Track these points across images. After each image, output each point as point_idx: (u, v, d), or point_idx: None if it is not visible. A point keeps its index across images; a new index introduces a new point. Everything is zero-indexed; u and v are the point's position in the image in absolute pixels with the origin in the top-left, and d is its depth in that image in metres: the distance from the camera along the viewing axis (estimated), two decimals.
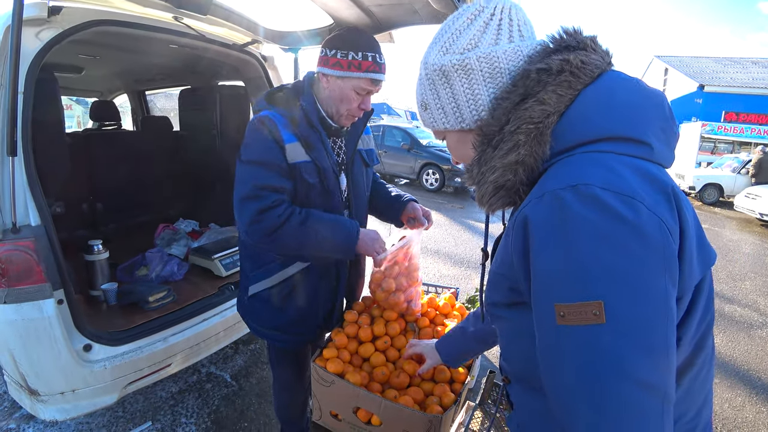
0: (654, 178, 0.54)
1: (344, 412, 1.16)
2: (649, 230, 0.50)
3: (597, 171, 0.54)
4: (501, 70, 0.66)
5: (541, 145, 0.60)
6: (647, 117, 0.60)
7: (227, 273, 2.46)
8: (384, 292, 1.33)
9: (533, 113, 0.60)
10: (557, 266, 0.53)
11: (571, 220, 0.52)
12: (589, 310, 0.49)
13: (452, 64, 0.67)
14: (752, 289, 4.68)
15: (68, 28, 1.67)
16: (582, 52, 0.64)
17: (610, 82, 0.62)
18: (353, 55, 1.20)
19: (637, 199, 0.51)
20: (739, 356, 3.23)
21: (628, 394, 0.48)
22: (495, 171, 0.64)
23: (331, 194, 1.32)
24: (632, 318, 0.49)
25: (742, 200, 8.69)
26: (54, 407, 1.64)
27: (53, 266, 1.54)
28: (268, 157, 1.22)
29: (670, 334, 0.50)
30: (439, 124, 0.73)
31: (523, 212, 0.58)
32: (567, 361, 0.52)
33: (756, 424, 2.46)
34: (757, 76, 19.31)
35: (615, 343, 0.48)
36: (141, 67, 3.51)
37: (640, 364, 0.48)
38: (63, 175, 2.34)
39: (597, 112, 0.59)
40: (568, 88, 0.61)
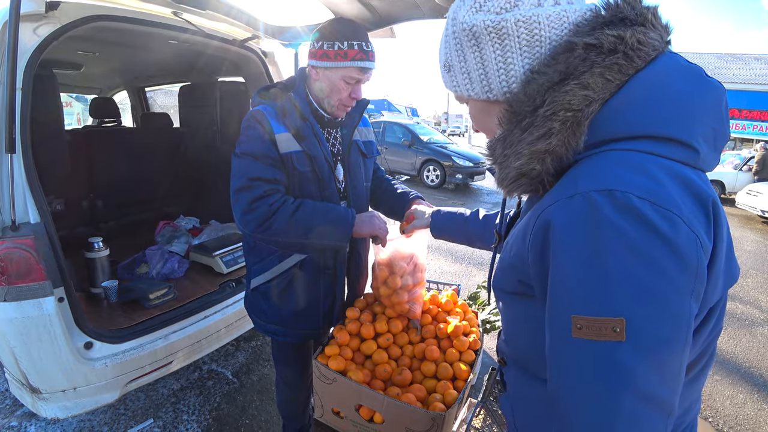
0: (696, 189, 0.50)
1: (346, 410, 1.16)
2: (684, 248, 0.46)
3: (636, 176, 0.49)
4: (541, 39, 0.57)
5: (576, 135, 0.54)
6: (700, 116, 0.53)
7: (228, 270, 2.45)
8: (388, 289, 1.31)
9: (573, 99, 0.53)
10: (580, 275, 0.49)
11: (602, 228, 0.47)
12: (609, 326, 0.46)
13: (485, 25, 0.58)
14: (754, 286, 4.67)
15: (66, 23, 1.66)
16: (640, 28, 0.55)
17: (666, 69, 0.54)
18: (339, 45, 1.21)
19: (676, 214, 0.46)
20: (740, 353, 3.22)
21: (639, 412, 0.46)
22: (520, 157, 0.57)
23: (325, 183, 1.33)
24: (653, 339, 0.46)
25: (743, 197, 8.66)
26: (55, 405, 1.64)
27: (53, 264, 1.54)
28: (259, 149, 1.25)
29: (685, 354, 0.49)
30: (462, 89, 0.66)
31: (548, 212, 0.53)
32: (579, 374, 0.50)
33: (757, 422, 2.45)
34: (760, 73, 19.22)
35: (632, 361, 0.46)
36: (141, 64, 3.50)
37: (654, 383, 0.46)
38: (62, 172, 2.33)
39: (646, 105, 0.52)
40: (617, 73, 0.53)
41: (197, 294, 2.18)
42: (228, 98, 3.02)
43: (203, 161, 3.33)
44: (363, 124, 1.52)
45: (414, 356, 1.30)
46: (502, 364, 0.79)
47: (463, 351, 1.29)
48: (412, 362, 1.29)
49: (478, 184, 10.05)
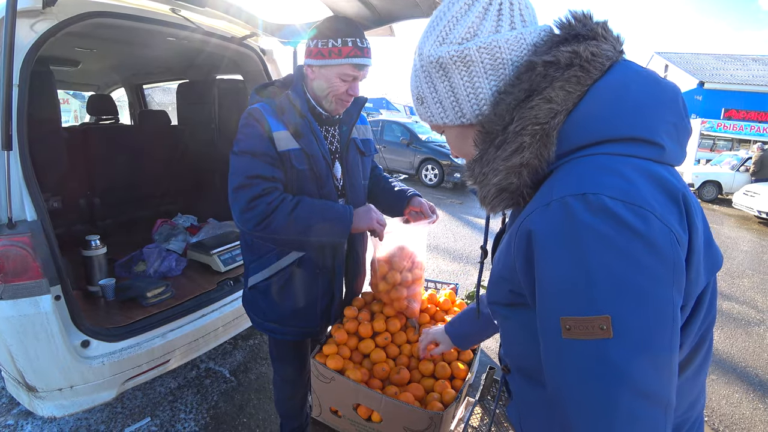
0: (665, 184, 0.52)
1: (344, 409, 1.16)
2: (659, 242, 0.48)
3: (606, 177, 0.51)
4: (503, 61, 0.61)
5: (547, 146, 0.57)
6: (660, 114, 0.57)
7: (226, 268, 2.45)
8: (387, 284, 1.31)
9: (539, 113, 0.56)
10: (563, 278, 0.51)
11: (580, 231, 0.50)
12: (596, 324, 0.48)
13: (450, 55, 0.62)
14: (750, 286, 4.69)
15: (64, 19, 1.65)
16: (592, 42, 0.59)
17: (622, 76, 0.58)
18: (333, 42, 1.21)
19: (647, 210, 0.49)
20: (736, 353, 3.24)
21: (635, 407, 0.47)
22: (498, 173, 0.60)
23: (323, 181, 1.33)
24: (640, 332, 0.48)
25: (740, 198, 8.70)
26: (52, 403, 1.63)
27: (50, 262, 1.53)
28: (257, 147, 1.25)
29: (674, 344, 0.50)
30: (437, 119, 0.69)
31: (528, 221, 0.55)
32: (573, 374, 0.51)
33: (753, 420, 2.47)
34: (757, 74, 19.29)
35: (622, 356, 0.47)
36: (139, 61, 3.48)
37: (646, 377, 0.48)
38: (59, 169, 2.32)
39: (606, 111, 0.56)
40: (576, 84, 0.57)
41: (195, 292, 2.17)
42: (226, 96, 3.01)
43: (201, 159, 3.32)
44: (361, 122, 1.52)
45: (412, 355, 1.30)
46: (506, 372, 0.80)
47: (461, 350, 1.29)
48: (410, 361, 1.29)
49: None
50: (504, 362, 0.81)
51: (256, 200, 1.22)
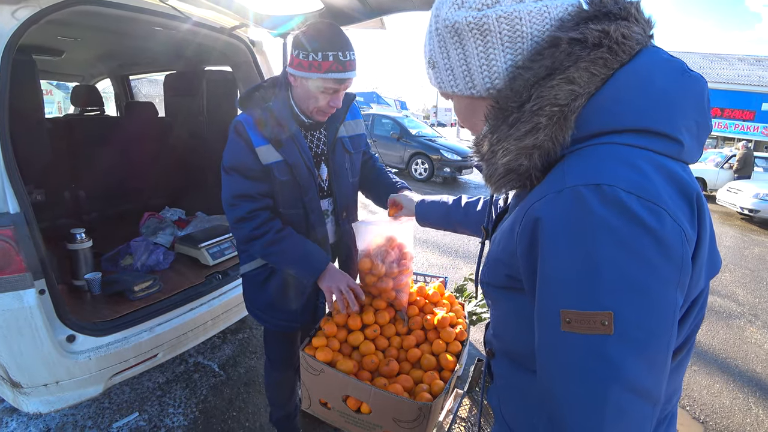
0: (681, 182, 0.51)
1: (333, 401, 1.16)
2: (671, 241, 0.47)
3: (622, 169, 0.49)
4: (523, 35, 0.58)
5: (563, 130, 0.54)
6: (684, 109, 0.54)
7: (215, 262, 2.43)
8: (373, 276, 1.32)
9: (560, 93, 0.53)
10: (568, 270, 0.50)
11: (591, 223, 0.48)
12: (597, 319, 0.47)
13: (467, 21, 0.58)
14: (732, 280, 4.80)
15: (46, 6, 1.60)
16: (624, 22, 0.55)
17: (650, 64, 0.55)
18: (313, 56, 1.17)
19: (662, 207, 0.47)
20: (717, 345, 3.32)
21: (627, 403, 0.47)
22: (508, 153, 0.57)
23: (305, 189, 1.36)
24: (641, 331, 0.47)
25: (724, 194, 8.87)
26: (37, 399, 1.61)
27: (34, 255, 1.50)
28: (241, 162, 1.30)
29: (671, 344, 0.50)
30: (446, 86, 0.66)
31: (536, 208, 0.53)
32: (568, 367, 0.51)
33: (732, 410, 2.54)
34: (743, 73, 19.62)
35: (620, 354, 0.47)
36: (124, 51, 3.41)
37: (641, 375, 0.48)
38: (43, 161, 2.27)
39: (630, 99, 0.53)
40: (602, 67, 0.53)
41: (183, 286, 2.15)
42: (215, 87, 2.97)
43: (189, 151, 3.28)
44: (352, 116, 1.51)
45: (401, 347, 1.31)
46: (490, 356, 0.80)
47: (450, 342, 1.30)
48: (399, 353, 1.29)
49: (466, 177, 10.11)
50: (489, 345, 0.80)
51: (241, 222, 1.31)
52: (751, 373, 2.95)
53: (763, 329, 3.64)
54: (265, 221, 1.32)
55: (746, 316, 3.88)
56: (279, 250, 1.31)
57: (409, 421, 1.05)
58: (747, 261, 5.59)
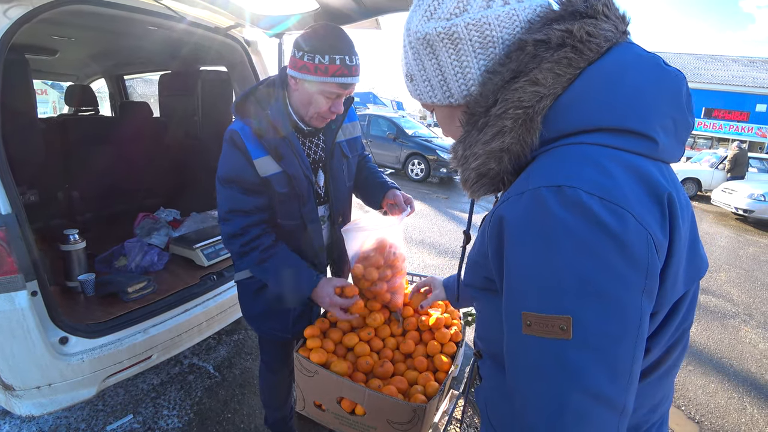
0: (650, 182, 0.49)
1: (328, 403, 1.16)
2: (634, 245, 0.46)
3: (586, 170, 0.48)
4: (493, 40, 0.57)
5: (530, 132, 0.53)
6: (657, 106, 0.52)
7: (209, 263, 2.41)
8: (367, 281, 1.32)
9: (523, 95, 0.53)
10: (529, 273, 0.49)
11: (550, 225, 0.47)
12: (556, 323, 0.46)
13: (437, 32, 0.58)
14: (726, 280, 4.83)
15: (39, 5, 1.59)
16: (590, 20, 0.55)
17: (620, 60, 0.53)
18: (320, 58, 1.13)
19: (625, 209, 0.46)
20: (712, 344, 3.34)
21: (588, 410, 0.46)
22: (477, 158, 0.57)
23: (304, 199, 1.34)
24: (600, 336, 0.46)
25: (718, 195, 8.93)
26: (30, 402, 1.59)
27: (26, 256, 1.49)
28: (238, 175, 1.27)
29: (637, 352, 0.48)
30: (425, 97, 0.66)
31: (500, 210, 0.53)
32: (529, 370, 0.50)
33: (727, 409, 2.55)
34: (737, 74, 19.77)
35: (579, 358, 0.46)
36: (119, 50, 3.39)
37: (602, 381, 0.46)
38: (36, 161, 2.25)
39: (598, 96, 0.52)
40: (567, 66, 0.53)
41: (177, 287, 2.14)
42: (210, 87, 2.95)
43: (184, 152, 3.26)
44: (349, 119, 1.49)
45: (396, 348, 1.31)
46: (478, 357, 0.80)
47: (445, 343, 1.30)
48: (394, 354, 1.29)
49: None
50: (477, 347, 0.80)
51: (233, 238, 1.30)
52: (745, 372, 2.97)
53: (757, 329, 3.66)
54: (255, 237, 1.30)
55: (741, 316, 3.90)
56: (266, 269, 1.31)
57: (404, 422, 1.05)
58: (741, 261, 5.63)
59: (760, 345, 3.39)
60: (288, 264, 1.30)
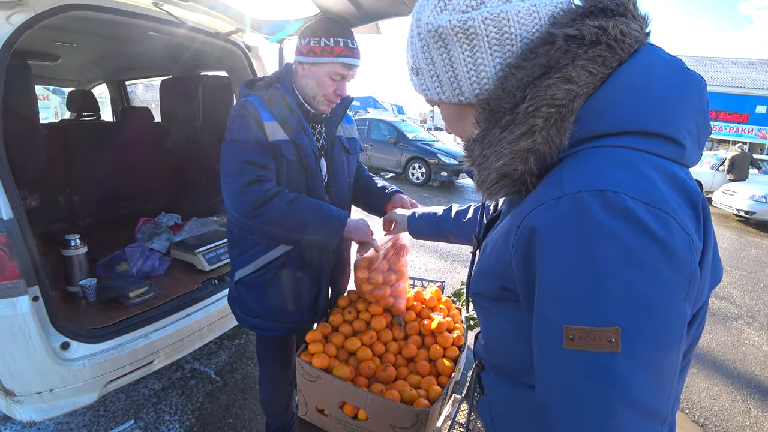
0: (686, 187, 0.48)
1: (330, 407, 1.15)
2: (679, 251, 0.44)
3: (625, 174, 0.46)
4: (512, 37, 0.54)
5: (560, 132, 0.51)
6: (684, 110, 0.51)
7: (211, 267, 2.41)
8: (370, 285, 1.31)
9: (557, 93, 0.50)
10: (572, 283, 0.46)
11: (594, 232, 0.44)
12: (604, 336, 0.44)
13: (452, 25, 0.55)
14: (729, 282, 4.81)
15: (41, 12, 1.60)
16: (621, 18, 0.53)
17: (649, 62, 0.52)
18: (325, 41, 1.24)
19: (670, 215, 0.44)
20: (716, 347, 3.32)
21: (635, 424, 0.44)
22: (502, 158, 0.54)
23: (311, 173, 1.34)
24: (650, 347, 0.44)
25: (720, 196, 8.93)
26: (31, 407, 1.59)
27: (27, 262, 1.49)
28: (250, 136, 1.26)
29: (679, 359, 0.47)
30: (432, 93, 0.63)
31: (533, 216, 0.50)
32: (571, 386, 0.47)
33: (731, 412, 2.54)
34: (736, 76, 19.81)
35: (627, 372, 0.44)
36: (120, 56, 3.41)
37: (650, 393, 0.44)
38: (37, 166, 2.26)
39: (630, 99, 0.50)
40: (601, 65, 0.50)
41: (179, 292, 2.13)
42: (211, 92, 2.97)
43: (185, 156, 3.27)
44: (347, 121, 1.54)
45: (399, 353, 1.30)
46: (480, 369, 0.77)
47: (447, 347, 1.29)
48: (397, 359, 1.29)
49: (463, 181, 10.12)
50: (479, 358, 0.77)
51: (252, 185, 1.21)
52: (749, 375, 2.96)
53: (760, 331, 3.65)
54: (277, 185, 1.27)
55: (744, 318, 3.89)
56: (303, 205, 1.25)
57: (407, 427, 1.04)
58: (744, 263, 5.61)
59: (764, 347, 3.37)
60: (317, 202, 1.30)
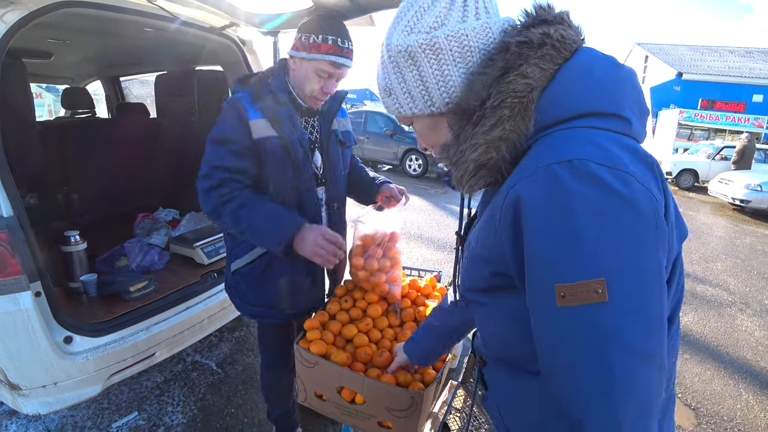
0: (638, 152, 0.55)
1: (328, 393, 1.19)
2: (642, 204, 0.50)
3: (587, 147, 0.53)
4: (471, 49, 0.63)
5: (525, 120, 0.59)
6: (624, 92, 0.60)
7: (210, 261, 2.44)
8: (366, 272, 1.34)
9: (517, 87, 0.58)
10: (554, 244, 0.51)
11: (567, 197, 0.50)
12: (591, 288, 0.49)
13: (419, 44, 0.63)
14: (723, 269, 4.87)
15: (34, 10, 1.60)
16: (559, 26, 0.62)
17: (588, 58, 0.61)
18: (314, 37, 1.25)
19: (630, 174, 0.51)
20: (709, 333, 3.38)
21: (634, 369, 0.48)
22: (477, 148, 0.61)
23: (299, 168, 1.34)
24: (634, 293, 0.49)
25: (715, 185, 8.96)
26: (36, 401, 1.62)
27: (29, 258, 1.51)
28: (229, 135, 1.29)
29: (664, 301, 0.52)
30: (405, 109, 0.70)
31: (515, 190, 0.56)
32: (570, 342, 0.51)
33: (723, 396, 2.59)
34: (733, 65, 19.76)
35: (618, 320, 0.48)
36: (115, 52, 3.40)
37: (642, 338, 0.49)
38: (35, 165, 2.27)
39: (579, 87, 0.59)
40: (550, 62, 0.60)
41: (178, 285, 2.16)
42: (206, 87, 2.97)
43: (182, 152, 3.28)
44: (341, 114, 1.55)
45: (395, 339, 1.34)
46: (482, 364, 0.80)
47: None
48: (393, 344, 1.32)
49: None
50: (479, 353, 0.80)
51: (211, 191, 1.28)
52: (741, 360, 3.01)
53: (753, 317, 3.70)
54: (235, 189, 1.28)
55: (737, 304, 3.94)
56: (248, 213, 1.24)
57: (402, 410, 1.08)
58: (738, 251, 5.67)
59: (756, 332, 3.42)
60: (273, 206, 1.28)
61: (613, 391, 0.48)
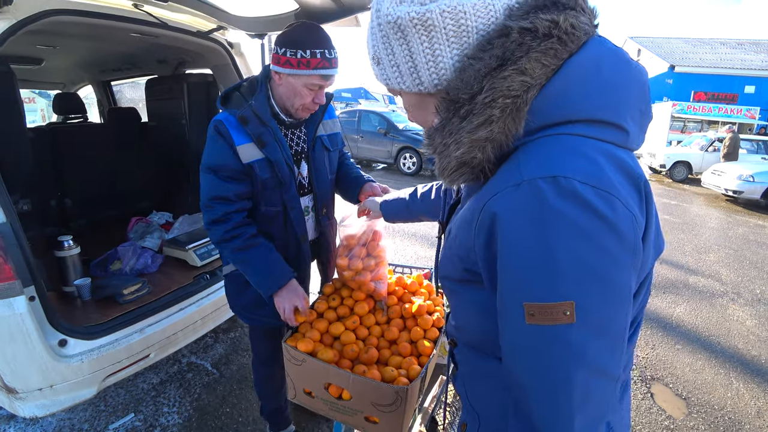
0: (629, 170, 0.53)
1: (316, 389, 1.21)
2: (623, 228, 0.49)
3: (575, 161, 0.50)
4: (468, 29, 0.56)
5: (516, 122, 0.54)
6: (629, 98, 0.56)
7: (202, 263, 2.47)
8: (351, 272, 1.37)
9: (513, 84, 0.53)
10: (530, 264, 0.50)
11: (549, 216, 0.49)
12: (560, 310, 0.49)
13: (410, 17, 0.56)
14: (715, 260, 4.91)
15: (23, 18, 1.62)
16: (572, 12, 0.55)
17: (597, 54, 0.55)
18: (302, 53, 1.22)
19: (614, 195, 0.49)
20: (700, 323, 3.41)
21: (592, 385, 0.50)
22: (461, 146, 0.56)
23: (286, 186, 1.39)
24: (601, 316, 0.50)
25: (708, 177, 9.02)
26: (33, 404, 1.64)
27: (22, 263, 1.53)
28: (220, 162, 1.31)
29: (627, 324, 0.53)
30: (392, 82, 0.64)
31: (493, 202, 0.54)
32: (534, 358, 0.52)
33: (714, 385, 2.63)
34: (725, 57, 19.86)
35: (583, 340, 0.49)
36: (104, 57, 3.41)
37: (603, 357, 0.50)
38: (27, 171, 2.28)
39: (579, 89, 0.54)
40: (553, 57, 0.53)
41: (172, 287, 2.19)
42: (196, 90, 2.99)
43: (173, 155, 3.30)
44: (328, 116, 1.56)
45: (381, 336, 1.36)
46: (453, 346, 0.82)
47: (428, 329, 1.35)
48: (379, 341, 1.35)
49: None
50: (451, 336, 0.83)
51: (214, 224, 1.34)
52: (732, 349, 3.04)
53: (745, 306, 3.74)
54: (238, 225, 1.34)
55: (729, 294, 3.98)
56: (245, 257, 1.34)
57: (387, 404, 1.10)
58: (731, 241, 5.72)
59: (747, 322, 3.46)
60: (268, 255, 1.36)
61: (572, 405, 0.50)
